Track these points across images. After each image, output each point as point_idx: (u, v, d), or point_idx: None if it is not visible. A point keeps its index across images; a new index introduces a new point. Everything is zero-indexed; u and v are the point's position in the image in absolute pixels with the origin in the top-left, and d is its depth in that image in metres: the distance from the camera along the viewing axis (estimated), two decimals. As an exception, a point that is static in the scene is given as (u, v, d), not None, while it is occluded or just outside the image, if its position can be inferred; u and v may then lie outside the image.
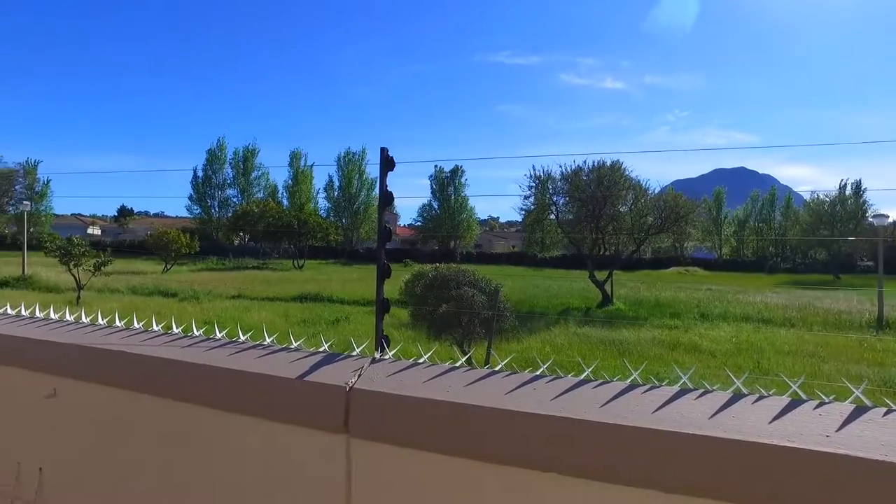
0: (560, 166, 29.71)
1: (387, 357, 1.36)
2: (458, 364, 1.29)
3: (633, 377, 1.17)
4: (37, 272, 29.74)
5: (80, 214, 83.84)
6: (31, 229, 39.78)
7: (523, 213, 33.69)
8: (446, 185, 69.33)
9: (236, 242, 62.40)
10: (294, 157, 69.22)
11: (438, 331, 9.75)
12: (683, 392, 1.06)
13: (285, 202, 66.65)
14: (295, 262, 47.92)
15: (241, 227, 56.02)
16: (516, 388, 1.13)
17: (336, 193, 69.03)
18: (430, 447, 1.10)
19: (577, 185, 28.77)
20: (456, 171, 69.14)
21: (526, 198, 31.82)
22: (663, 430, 0.90)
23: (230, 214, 62.05)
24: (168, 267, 38.44)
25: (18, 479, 1.92)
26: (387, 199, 1.47)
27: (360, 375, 1.25)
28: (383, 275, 1.45)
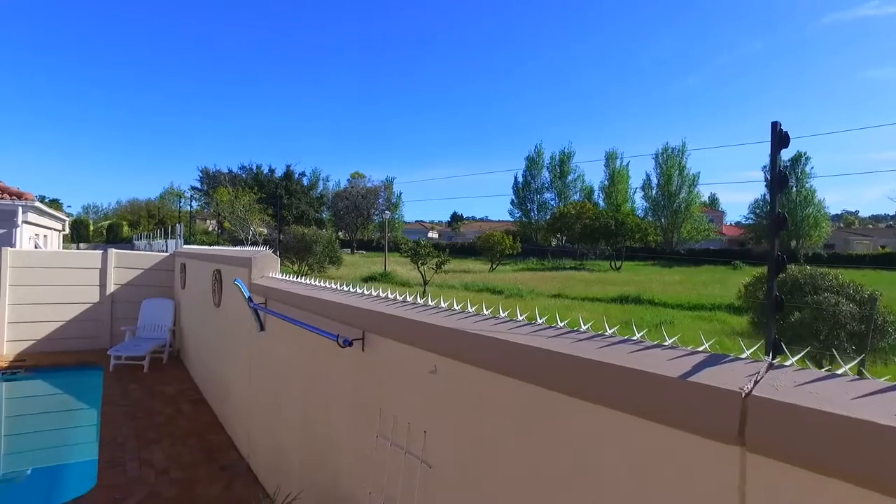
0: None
1: (788, 364, 1.16)
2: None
3: None
4: (394, 270, 35.89)
5: (422, 221, 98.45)
6: (388, 234, 48.34)
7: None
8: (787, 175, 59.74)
9: (553, 244, 65.07)
10: (609, 158, 68.89)
11: (788, 342, 8.34)
12: None
13: (601, 203, 66.88)
14: (612, 263, 47.56)
15: (558, 229, 58.20)
16: None
17: (654, 192, 66.13)
18: (870, 484, 0.88)
19: None
20: (798, 159, 59.26)
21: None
22: None
23: (548, 217, 65.10)
24: (493, 266, 42.21)
25: (409, 436, 2.28)
26: (780, 181, 1.25)
27: (756, 381, 1.08)
28: (777, 269, 1.23)
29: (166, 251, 11.94)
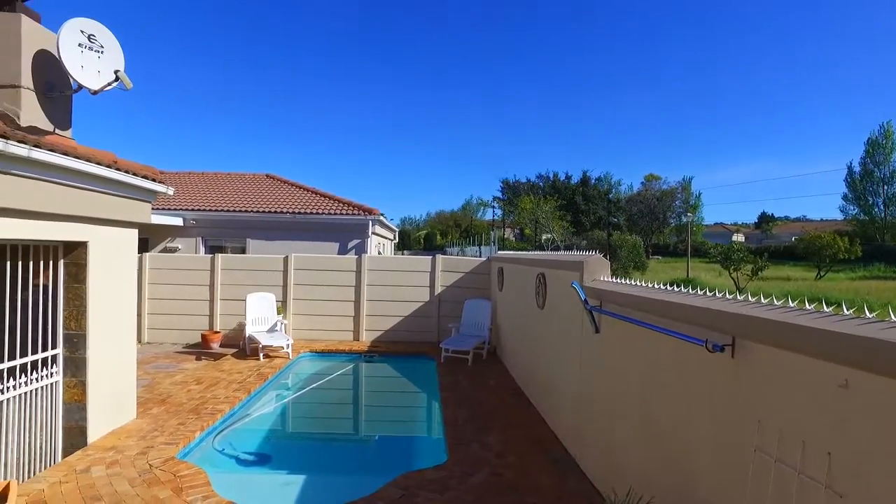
0: None
1: None
2: None
3: None
4: (697, 275, 33.26)
5: (723, 222, 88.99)
6: (689, 238, 44.94)
7: None
8: None
9: (909, 246, 52.24)
10: None
11: None
12: None
13: None
14: None
15: (919, 227, 46.50)
16: None
17: None
18: None
19: None
20: None
21: None
22: None
23: (903, 212, 52.56)
24: (821, 273, 35.83)
25: (803, 456, 2.04)
26: None
27: None
28: None
29: (480, 257, 13.19)
